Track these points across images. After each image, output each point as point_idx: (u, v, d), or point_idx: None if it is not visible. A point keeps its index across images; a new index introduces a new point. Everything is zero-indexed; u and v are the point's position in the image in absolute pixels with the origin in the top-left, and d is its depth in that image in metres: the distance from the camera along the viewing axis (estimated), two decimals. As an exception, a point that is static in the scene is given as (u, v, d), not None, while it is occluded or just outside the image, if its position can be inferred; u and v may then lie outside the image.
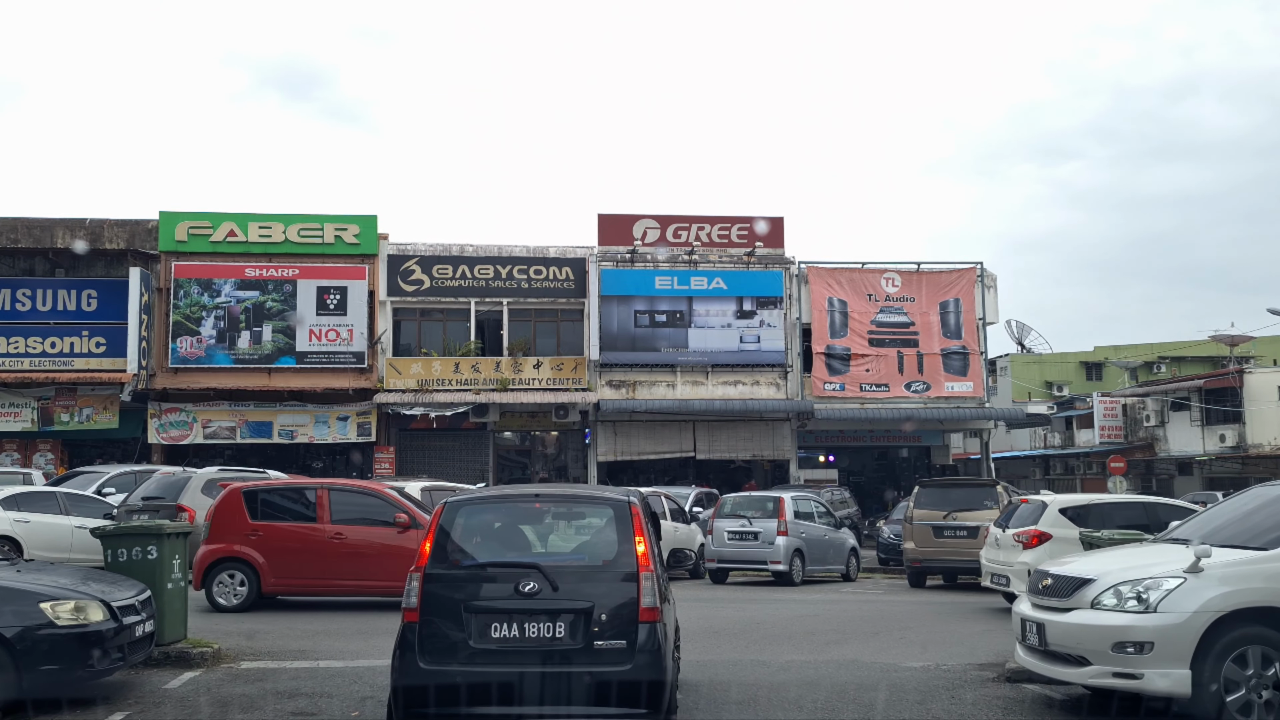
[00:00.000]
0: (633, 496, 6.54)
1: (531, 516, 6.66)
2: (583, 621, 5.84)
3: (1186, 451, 40.77)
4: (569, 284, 30.41)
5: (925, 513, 16.86)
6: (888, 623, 12.51)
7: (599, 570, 6.09)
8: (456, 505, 6.46)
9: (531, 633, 5.84)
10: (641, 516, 6.33)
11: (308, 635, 10.61)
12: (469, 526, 6.42)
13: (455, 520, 6.35)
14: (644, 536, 6.18)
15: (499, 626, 5.86)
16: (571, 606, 5.87)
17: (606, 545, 6.23)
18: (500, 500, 6.94)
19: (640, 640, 5.82)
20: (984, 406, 31.45)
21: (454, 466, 29.33)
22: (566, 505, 6.91)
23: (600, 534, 6.38)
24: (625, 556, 6.07)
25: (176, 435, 28.45)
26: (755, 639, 10.92)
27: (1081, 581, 7.01)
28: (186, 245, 28.99)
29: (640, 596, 5.91)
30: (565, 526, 6.73)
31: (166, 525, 9.34)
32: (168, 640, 9.03)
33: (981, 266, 31.97)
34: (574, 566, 6.19)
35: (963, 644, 10.67)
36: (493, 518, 6.63)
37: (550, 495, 7.06)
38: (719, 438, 30.71)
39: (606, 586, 5.96)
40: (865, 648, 10.34)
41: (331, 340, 29.17)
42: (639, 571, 5.98)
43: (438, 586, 5.98)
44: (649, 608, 5.89)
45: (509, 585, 5.94)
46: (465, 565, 6.17)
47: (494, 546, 6.40)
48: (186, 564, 9.53)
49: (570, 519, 6.76)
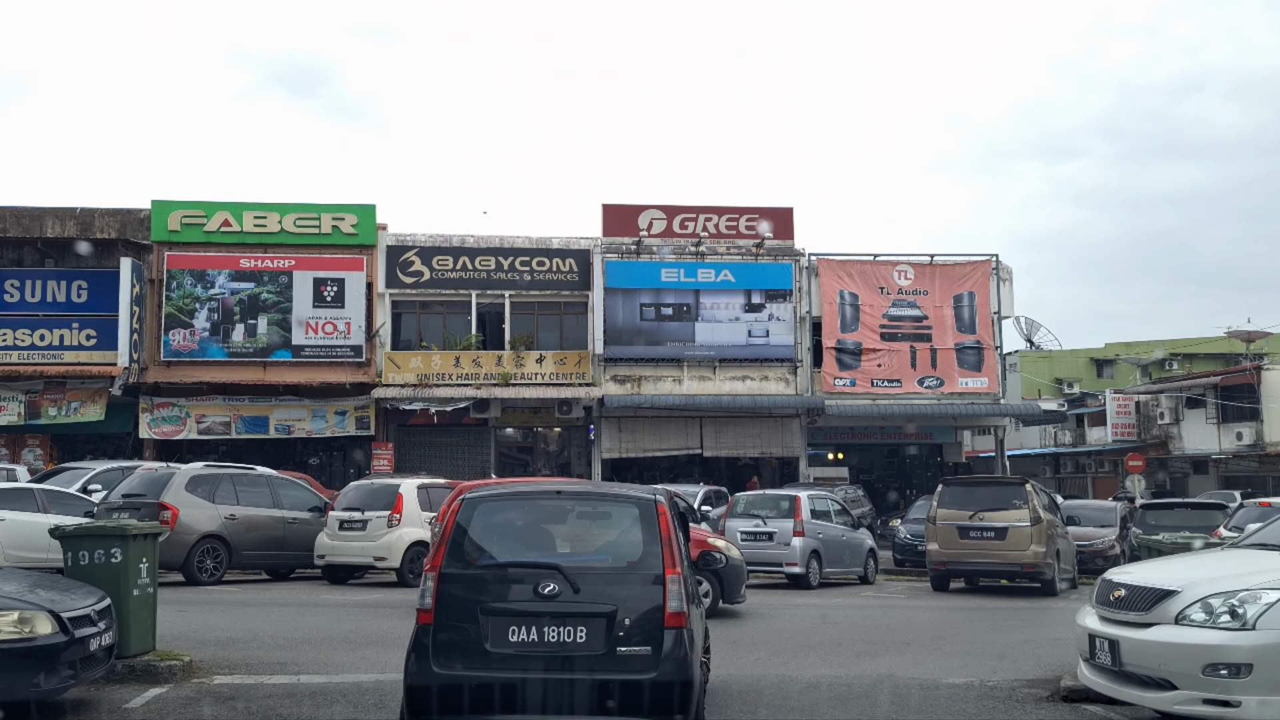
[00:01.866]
0: (659, 495, 6.16)
1: (553, 514, 6.38)
2: (605, 626, 5.54)
3: (1202, 450, 39.93)
4: (573, 276, 29.56)
5: (950, 512, 15.94)
6: (917, 631, 11.63)
7: (623, 572, 5.81)
8: (474, 501, 6.15)
9: (551, 637, 5.55)
10: (669, 516, 5.97)
11: (290, 644, 9.76)
12: (487, 524, 6.12)
13: (473, 517, 6.05)
14: (671, 537, 5.85)
15: (517, 630, 5.56)
16: (593, 610, 5.57)
17: (631, 546, 5.91)
18: (520, 497, 6.67)
19: (666, 647, 5.50)
20: (999, 403, 30.57)
21: (454, 463, 28.49)
22: (590, 503, 6.58)
23: (625, 534, 6.05)
24: (651, 558, 5.76)
25: (170, 430, 27.62)
26: (777, 650, 10.05)
27: (1163, 593, 6.14)
28: (179, 235, 28.15)
29: (666, 601, 5.59)
30: (588, 525, 6.38)
31: (131, 526, 8.48)
32: (133, 652, 8.18)
33: (996, 259, 31.07)
34: (597, 568, 5.89)
35: (1004, 656, 9.80)
36: (512, 515, 6.35)
37: (573, 492, 6.68)
38: (726, 434, 29.87)
39: (631, 589, 5.67)
40: (899, 661, 9.46)
41: (329, 333, 28.32)
42: (665, 574, 5.66)
43: (453, 586, 5.70)
44: (675, 612, 5.58)
45: (528, 586, 5.65)
46: (482, 565, 5.89)
47: (513, 545, 6.13)
48: (155, 567, 8.67)
49: (594, 518, 6.41)
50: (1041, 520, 15.41)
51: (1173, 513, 17.93)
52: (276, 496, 16.48)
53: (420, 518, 15.75)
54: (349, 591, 15.06)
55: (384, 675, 8.20)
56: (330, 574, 16.14)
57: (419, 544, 15.61)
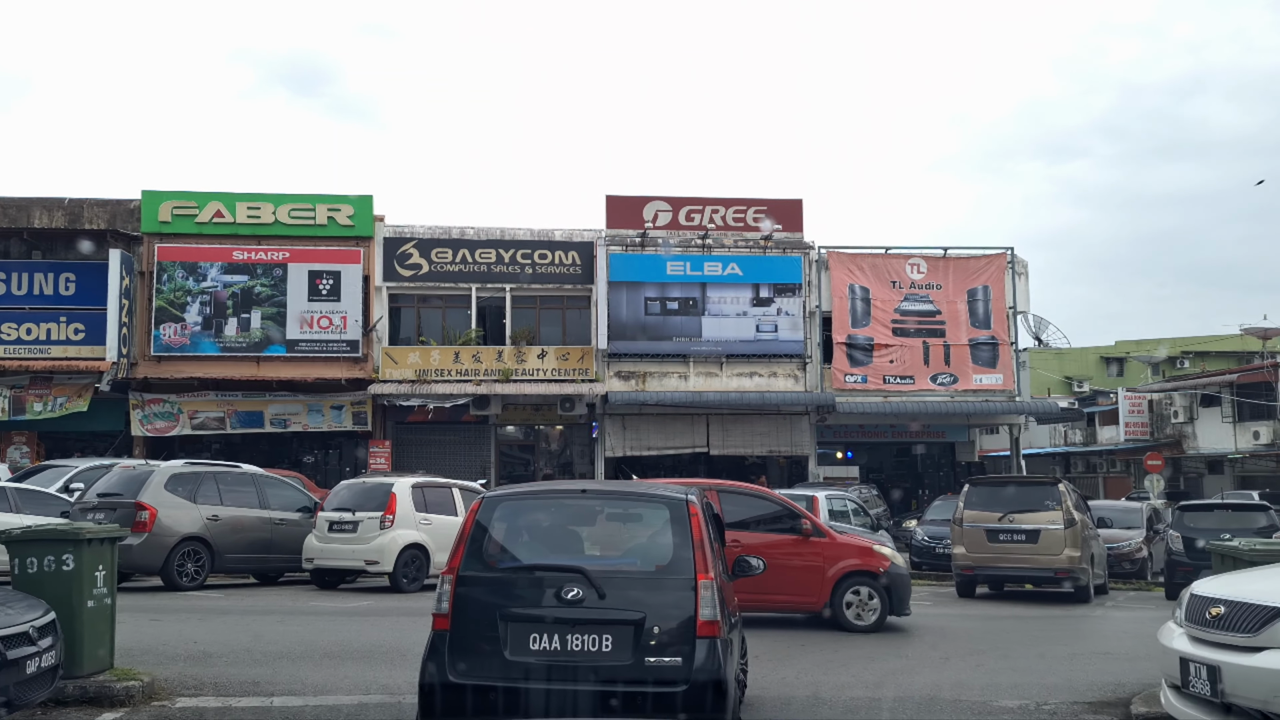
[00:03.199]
0: (691, 494, 5.77)
1: (578, 515, 6.07)
2: (633, 635, 5.19)
3: (1217, 449, 39.10)
4: (576, 269, 28.65)
5: (977, 514, 14.98)
6: (953, 643, 10.72)
7: (652, 577, 5.48)
8: (495, 500, 5.87)
9: (575, 646, 5.22)
10: (701, 517, 5.60)
11: (268, 659, 8.86)
12: (508, 524, 5.84)
13: (493, 517, 5.75)
14: (704, 539, 5.50)
15: (538, 638, 5.24)
16: (620, 617, 5.23)
17: (661, 548, 5.58)
18: (543, 495, 6.40)
19: (699, 659, 5.14)
20: (1015, 400, 29.64)
21: (453, 461, 27.62)
22: (618, 503, 6.24)
23: (655, 536, 5.71)
24: (683, 562, 5.41)
25: (162, 427, 26.74)
26: (804, 665, 9.14)
27: (1274, 612, 5.25)
28: (170, 226, 27.27)
29: (699, 608, 5.25)
30: (615, 527, 6.04)
31: (86, 529, 7.58)
32: (85, 671, 7.30)
33: (1012, 252, 30.16)
34: (624, 572, 5.57)
35: (1053, 672, 8.89)
36: (535, 515, 6.05)
37: (600, 491, 6.42)
38: (733, 432, 28.95)
39: (661, 595, 5.33)
40: (940, 678, 8.55)
41: (324, 328, 27.45)
42: (698, 579, 5.31)
43: (472, 590, 5.41)
44: (709, 620, 5.23)
45: (551, 591, 5.35)
46: (503, 567, 5.62)
47: (535, 547, 5.87)
48: (114, 574, 7.78)
49: (621, 519, 6.07)
50: (1076, 522, 14.49)
51: (1212, 514, 17.04)
52: (263, 496, 15.58)
53: (414, 519, 14.89)
54: (338, 598, 14.17)
55: (367, 697, 7.34)
56: (319, 578, 15.25)
57: (413, 547, 14.75)
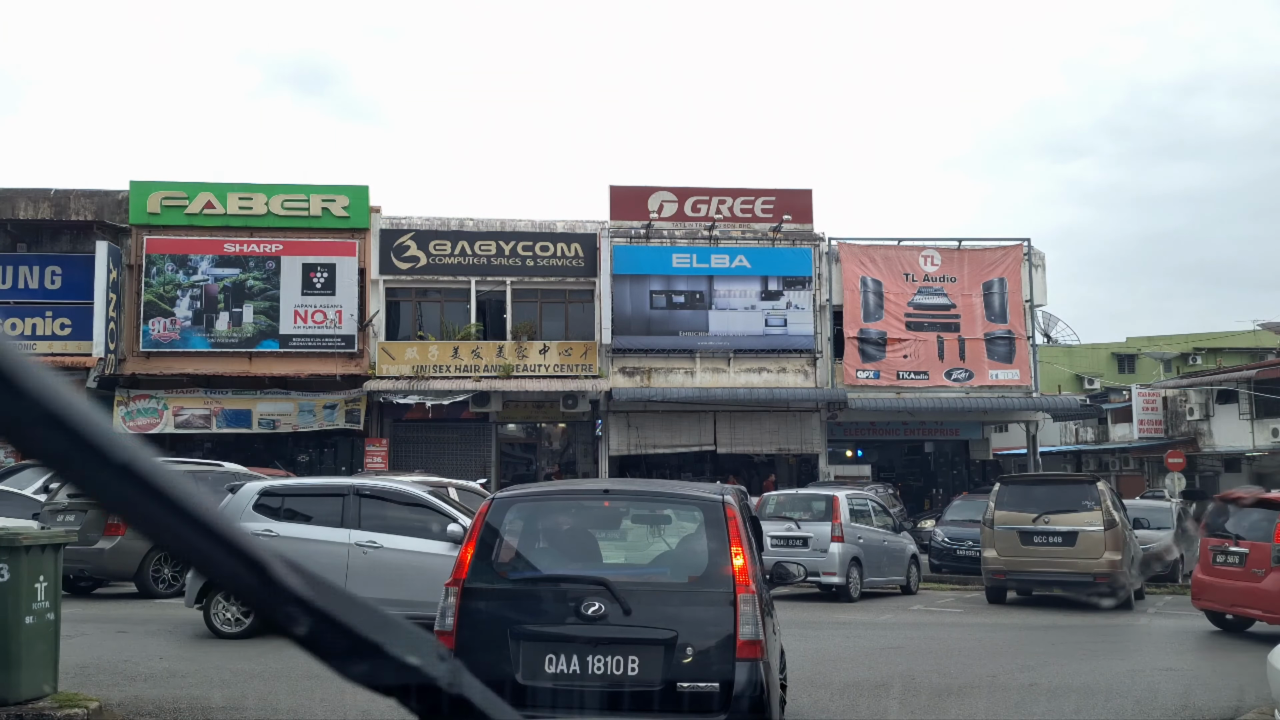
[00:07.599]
0: (728, 495, 5.10)
1: (600, 519, 5.59)
2: (662, 656, 4.64)
3: (1234, 446, 38.17)
4: (578, 262, 27.72)
5: (1009, 514, 14.02)
6: (998, 659, 9.76)
7: (684, 589, 4.94)
8: (506, 502, 5.32)
9: (596, 668, 4.66)
10: (739, 520, 4.96)
11: (239, 678, 7.93)
12: (521, 529, 5.30)
13: (504, 521, 5.20)
14: (742, 546, 4.88)
15: (555, 659, 4.69)
16: (648, 636, 4.67)
17: (694, 557, 5.04)
18: (560, 496, 5.83)
19: (739, 684, 4.55)
20: (1032, 396, 28.67)
21: (453, 460, 26.68)
22: (645, 504, 5.73)
23: (687, 542, 5.22)
24: (719, 572, 4.82)
25: (145, 424, 25.79)
26: (836, 688, 8.18)
27: None
28: (159, 218, 26.36)
29: (739, 625, 4.65)
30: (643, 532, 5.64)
31: (23, 535, 6.65)
32: (24, 697, 6.38)
33: (1029, 243, 29.19)
34: (652, 583, 5.05)
35: (1121, 695, 7.93)
36: (551, 519, 5.48)
37: (624, 491, 5.78)
38: (741, 429, 28.01)
39: (694, 611, 4.76)
40: (995, 705, 7.59)
41: (318, 322, 26.52)
42: (736, 592, 4.72)
43: (480, 604, 4.86)
44: (749, 640, 4.64)
45: (569, 606, 4.80)
46: (514, 578, 5.09)
47: (551, 555, 5.33)
48: (58, 585, 6.85)
49: (649, 522, 5.64)
50: (1116, 523, 13.55)
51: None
52: (247, 497, 14.64)
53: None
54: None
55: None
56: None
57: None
